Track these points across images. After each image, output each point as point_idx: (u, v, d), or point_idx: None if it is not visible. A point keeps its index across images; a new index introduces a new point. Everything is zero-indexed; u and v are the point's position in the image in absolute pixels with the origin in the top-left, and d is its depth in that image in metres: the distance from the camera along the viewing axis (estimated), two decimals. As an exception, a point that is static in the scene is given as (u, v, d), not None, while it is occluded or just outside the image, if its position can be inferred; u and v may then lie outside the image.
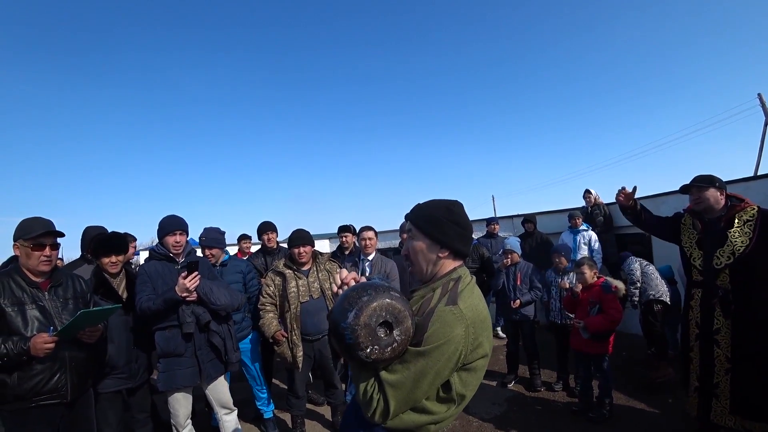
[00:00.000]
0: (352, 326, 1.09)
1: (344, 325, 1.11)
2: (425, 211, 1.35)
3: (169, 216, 2.82)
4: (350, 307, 1.12)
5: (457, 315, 1.17)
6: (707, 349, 2.69)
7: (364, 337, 1.09)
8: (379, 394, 1.16)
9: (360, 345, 1.09)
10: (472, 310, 1.21)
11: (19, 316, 2.02)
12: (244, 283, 3.52)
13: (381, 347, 1.11)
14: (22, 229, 2.10)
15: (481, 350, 1.22)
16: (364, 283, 1.23)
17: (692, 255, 2.81)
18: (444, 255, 1.32)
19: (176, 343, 2.62)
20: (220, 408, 2.90)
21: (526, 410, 3.79)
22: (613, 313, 3.39)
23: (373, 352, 1.10)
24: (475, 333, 1.19)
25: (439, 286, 1.29)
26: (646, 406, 3.66)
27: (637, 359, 4.58)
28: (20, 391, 1.97)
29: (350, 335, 1.09)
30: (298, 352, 3.07)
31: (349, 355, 1.14)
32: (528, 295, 4.12)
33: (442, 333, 1.14)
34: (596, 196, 6.02)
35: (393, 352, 1.13)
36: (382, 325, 1.12)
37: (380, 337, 1.11)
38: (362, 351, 1.10)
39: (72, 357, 2.12)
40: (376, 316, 1.11)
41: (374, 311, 1.11)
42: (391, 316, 1.13)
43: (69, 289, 2.26)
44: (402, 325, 1.14)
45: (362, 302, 1.12)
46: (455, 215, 1.33)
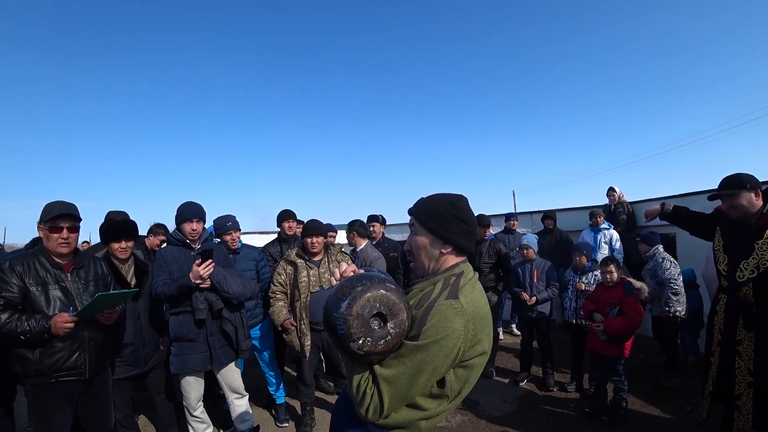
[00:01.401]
0: (344, 316, 1.07)
1: (336, 315, 1.08)
2: (428, 205, 1.31)
3: (187, 203, 2.88)
4: (343, 297, 1.10)
5: (457, 309, 1.14)
6: (728, 358, 2.56)
7: (356, 328, 1.07)
8: (372, 389, 1.13)
9: (352, 336, 1.07)
10: (473, 306, 1.19)
11: (42, 295, 2.12)
12: (256, 271, 3.57)
13: (374, 339, 1.08)
14: (44, 212, 2.19)
15: (479, 347, 1.19)
16: (359, 273, 1.21)
17: (718, 259, 2.65)
18: (447, 251, 1.29)
19: (188, 329, 2.69)
20: (231, 393, 2.97)
21: (537, 410, 3.74)
22: (634, 316, 3.29)
23: (366, 344, 1.08)
24: (475, 329, 1.17)
25: (441, 279, 1.26)
26: (661, 412, 3.56)
27: (654, 363, 4.44)
28: (42, 366, 2.07)
29: (342, 325, 1.07)
30: (306, 341, 3.11)
31: (341, 347, 1.12)
32: (545, 292, 4.05)
33: (441, 327, 1.11)
34: (620, 194, 5.83)
35: (386, 345, 1.10)
36: (376, 316, 1.10)
37: (373, 329, 1.09)
38: (354, 342, 1.07)
39: (91, 337, 2.21)
40: (370, 307, 1.09)
41: (367, 302, 1.08)
42: (386, 307, 1.10)
43: (91, 271, 2.35)
44: (396, 317, 1.11)
45: (356, 292, 1.09)
46: (459, 210, 1.29)
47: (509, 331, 6.23)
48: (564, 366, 4.39)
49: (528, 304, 4.05)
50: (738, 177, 2.49)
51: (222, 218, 3.50)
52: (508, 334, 6.17)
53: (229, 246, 3.46)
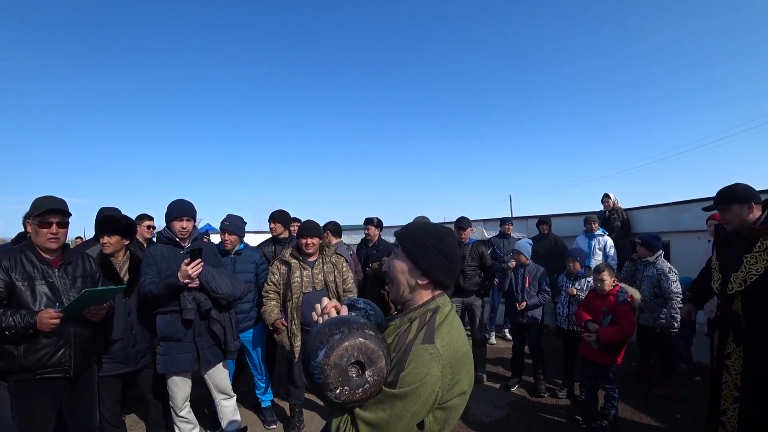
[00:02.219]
0: (321, 366, 1.04)
1: (314, 364, 1.05)
2: (414, 233, 1.29)
3: (177, 200, 2.86)
4: (321, 344, 1.06)
5: (433, 355, 1.13)
6: (717, 372, 2.55)
7: (333, 378, 1.04)
8: (351, 430, 1.12)
9: (329, 386, 1.04)
10: (449, 348, 1.16)
11: (28, 290, 2.10)
12: (255, 274, 3.54)
13: (351, 388, 1.06)
14: (33, 206, 2.18)
15: (457, 389, 1.17)
16: (339, 318, 1.18)
17: (714, 278, 2.64)
18: (423, 283, 1.26)
19: (176, 328, 2.67)
20: (218, 393, 2.95)
21: (527, 415, 3.73)
22: (627, 324, 3.28)
23: (343, 393, 1.06)
24: (452, 372, 1.15)
25: (417, 317, 1.24)
26: (652, 421, 3.55)
27: (646, 371, 4.43)
28: (26, 362, 2.05)
29: (319, 375, 1.04)
30: (296, 342, 3.09)
31: (318, 394, 1.10)
32: (536, 297, 4.04)
33: (418, 374, 1.10)
34: (615, 201, 5.85)
35: (364, 393, 1.08)
36: (354, 364, 1.07)
37: (351, 378, 1.06)
38: (331, 392, 1.05)
39: (77, 333, 2.20)
40: (347, 356, 1.05)
41: (345, 351, 1.05)
42: (364, 356, 1.07)
43: (78, 267, 2.33)
44: (375, 365, 1.08)
45: (333, 341, 1.06)
46: (444, 245, 1.27)
47: (502, 336, 6.22)
48: (555, 372, 4.38)
49: (518, 309, 4.04)
50: (730, 189, 2.45)
51: (226, 216, 3.50)
52: (500, 339, 6.16)
53: (224, 246, 3.44)
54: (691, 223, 4.72)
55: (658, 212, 5.43)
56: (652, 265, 3.97)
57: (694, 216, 4.74)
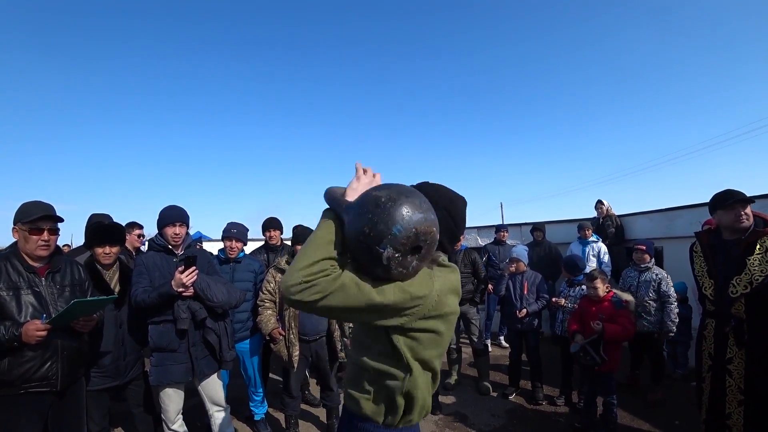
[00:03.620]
0: (411, 225, 0.96)
1: (405, 217, 0.96)
2: (428, 190, 1.26)
3: (169, 206, 2.78)
4: (419, 209, 1.00)
5: (431, 277, 1.12)
6: (719, 378, 2.56)
7: (404, 243, 0.96)
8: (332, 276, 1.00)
9: (396, 244, 0.96)
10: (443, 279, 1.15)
11: (13, 300, 2.00)
12: (254, 283, 3.47)
13: (398, 262, 0.99)
14: (22, 212, 2.08)
15: (433, 322, 1.13)
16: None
17: (703, 284, 2.67)
18: None
19: (170, 339, 2.57)
20: (212, 405, 2.85)
21: (526, 424, 3.68)
22: (629, 326, 3.32)
23: (392, 260, 0.98)
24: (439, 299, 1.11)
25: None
26: (651, 427, 3.54)
27: (642, 377, 4.43)
28: (10, 377, 1.94)
29: (401, 229, 0.95)
30: (294, 352, 3.02)
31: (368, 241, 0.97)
32: (535, 305, 4.02)
33: (417, 284, 1.07)
34: (608, 207, 5.89)
35: (397, 274, 1.02)
36: (419, 247, 1.01)
37: (407, 253, 1.00)
38: (389, 248, 0.96)
39: (64, 346, 2.09)
40: (430, 237, 1.02)
41: (433, 234, 1.02)
42: (428, 247, 1.04)
43: (67, 275, 2.23)
44: (423, 261, 1.06)
45: (431, 220, 1.02)
46: (454, 209, 1.25)
47: (497, 344, 6.19)
48: (553, 379, 4.35)
49: (518, 317, 4.01)
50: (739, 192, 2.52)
51: (230, 224, 3.44)
52: (496, 347, 6.12)
53: (227, 253, 3.37)
54: (684, 229, 4.76)
55: (651, 218, 5.47)
56: (649, 270, 4.00)
57: (686, 222, 4.78)
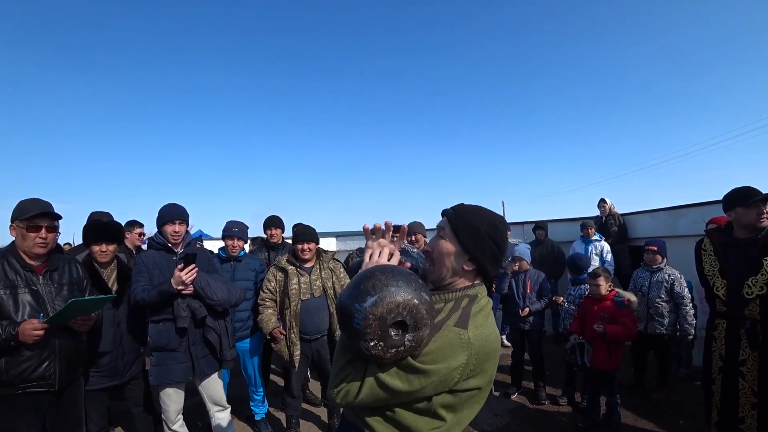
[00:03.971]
0: (365, 313, 0.96)
1: (358, 307, 0.97)
2: (469, 216, 1.21)
3: (168, 204, 2.75)
4: (373, 290, 0.98)
5: (463, 340, 1.06)
6: (731, 380, 2.51)
7: (372, 330, 0.96)
8: (357, 377, 1.07)
9: (365, 335, 0.97)
10: (481, 340, 1.09)
11: (10, 299, 1.97)
12: (255, 282, 3.44)
13: (386, 346, 0.98)
14: (19, 209, 2.05)
15: (473, 381, 1.10)
16: (399, 268, 1.08)
17: (715, 284, 2.58)
18: (469, 269, 1.19)
19: (169, 338, 2.55)
20: (213, 405, 2.82)
21: (528, 423, 3.65)
22: (631, 326, 3.30)
23: (376, 348, 0.98)
24: (476, 365, 1.08)
25: (453, 300, 1.17)
26: (656, 427, 3.50)
27: (645, 377, 4.39)
28: (7, 377, 1.92)
29: (360, 321, 0.97)
30: (295, 351, 2.99)
31: (348, 338, 1.03)
32: (537, 303, 3.98)
33: (442, 355, 1.04)
34: (611, 206, 5.85)
35: (396, 355, 1.00)
36: (398, 324, 0.99)
37: (390, 335, 0.98)
38: (365, 342, 0.97)
39: (62, 345, 2.07)
40: (396, 313, 0.97)
41: (396, 307, 0.97)
42: (412, 319, 0.99)
43: (65, 274, 2.21)
44: (418, 332, 1.01)
45: (388, 292, 0.97)
46: (498, 234, 1.19)
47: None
48: (555, 379, 4.32)
49: (521, 315, 3.98)
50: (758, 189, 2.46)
51: (230, 222, 3.43)
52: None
53: (229, 252, 3.35)
54: (688, 228, 4.73)
55: (654, 217, 5.44)
56: (662, 271, 3.90)
57: (690, 221, 4.74)
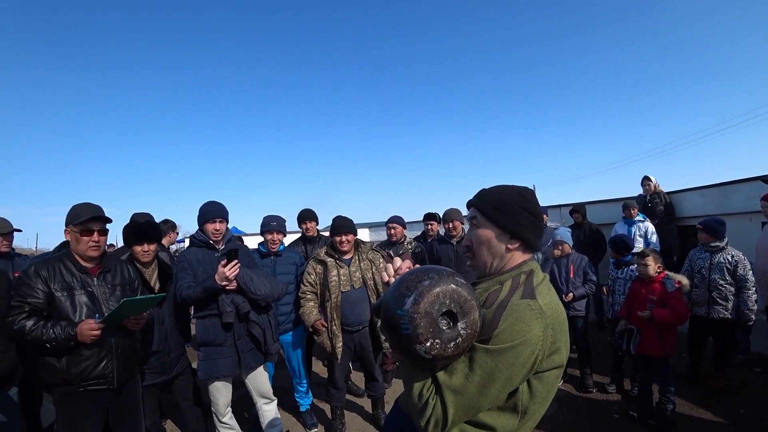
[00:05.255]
0: (410, 314, 0.93)
1: (401, 313, 0.94)
2: (494, 196, 1.17)
3: (209, 202, 2.78)
4: (408, 291, 0.95)
5: (535, 311, 1.00)
6: None
7: (423, 328, 0.92)
8: (436, 398, 0.99)
9: (419, 337, 0.92)
10: (552, 309, 1.04)
11: (68, 301, 2.04)
12: (296, 275, 3.44)
13: (443, 341, 0.94)
14: (72, 214, 2.11)
15: (557, 357, 1.03)
16: (424, 266, 1.05)
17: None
18: (514, 246, 1.15)
19: (216, 333, 2.59)
20: (260, 398, 2.87)
21: (577, 412, 3.54)
22: (682, 311, 3.12)
23: (434, 347, 0.93)
24: (554, 335, 1.01)
25: (509, 278, 1.12)
26: (713, 416, 3.32)
27: (701, 363, 4.19)
28: (69, 375, 1.99)
29: (407, 325, 0.93)
30: (337, 343, 2.99)
31: (403, 349, 0.97)
32: (582, 288, 3.83)
33: (517, 331, 0.97)
34: (656, 184, 5.54)
35: (456, 348, 0.95)
36: (445, 315, 0.95)
37: (442, 330, 0.94)
38: (421, 345, 0.93)
39: (118, 344, 2.13)
40: (439, 304, 0.94)
41: (437, 298, 0.94)
42: (456, 305, 0.95)
43: (117, 275, 2.26)
44: (468, 317, 0.96)
45: (422, 287, 0.94)
46: (528, 202, 1.15)
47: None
48: (601, 366, 4.17)
49: (565, 301, 3.85)
50: None
51: (268, 217, 3.43)
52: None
53: (269, 247, 3.37)
54: (742, 204, 4.43)
55: (703, 194, 5.12)
56: (723, 252, 3.65)
57: (744, 197, 4.45)
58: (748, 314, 3.51)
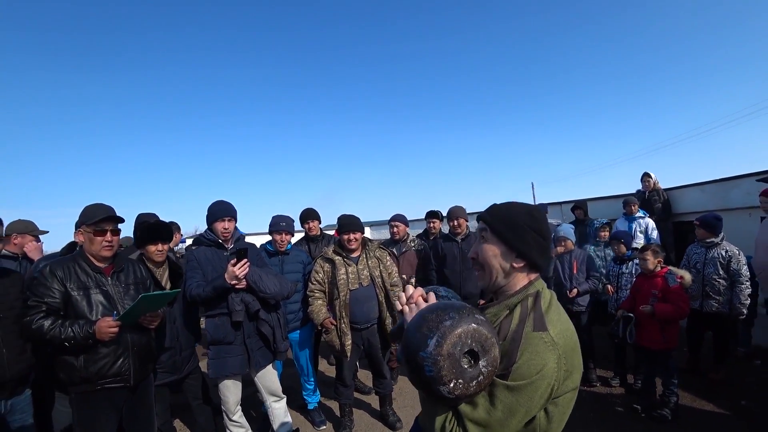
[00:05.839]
0: (433, 356, 0.94)
1: (424, 355, 0.95)
2: (504, 213, 1.20)
3: (218, 201, 2.81)
4: (430, 332, 0.96)
5: (548, 344, 1.03)
6: None
7: (447, 370, 0.94)
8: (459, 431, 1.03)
9: (442, 379, 0.94)
10: (564, 337, 1.07)
11: (84, 300, 2.06)
12: (303, 274, 3.47)
13: (465, 381, 0.96)
14: (85, 215, 2.13)
15: (570, 383, 1.07)
16: (442, 303, 1.08)
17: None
18: (519, 266, 1.17)
19: (226, 331, 2.62)
20: (269, 396, 2.90)
21: (582, 406, 3.58)
22: (682, 305, 3.17)
23: (457, 387, 0.95)
24: (567, 364, 1.05)
25: (517, 304, 1.14)
26: (715, 408, 3.38)
27: (701, 356, 4.24)
28: (86, 373, 2.02)
29: (431, 367, 0.94)
30: (346, 341, 3.02)
31: (427, 390, 0.99)
32: (585, 284, 3.88)
33: (533, 365, 1.00)
34: (655, 181, 5.60)
35: (478, 386, 0.98)
36: (467, 354, 0.97)
37: (465, 369, 0.96)
38: (444, 386, 0.95)
39: (134, 342, 2.16)
40: (461, 345, 0.95)
41: (459, 339, 0.95)
42: (478, 344, 0.97)
43: (130, 274, 2.29)
44: (489, 354, 0.98)
45: (444, 327, 0.96)
46: (537, 222, 1.17)
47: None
48: (604, 361, 4.22)
49: (569, 297, 3.89)
50: None
51: (277, 217, 3.45)
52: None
53: (277, 246, 3.40)
54: (742, 200, 4.49)
55: (703, 190, 5.18)
56: (718, 247, 3.72)
57: (744, 192, 4.51)
58: (739, 308, 3.57)
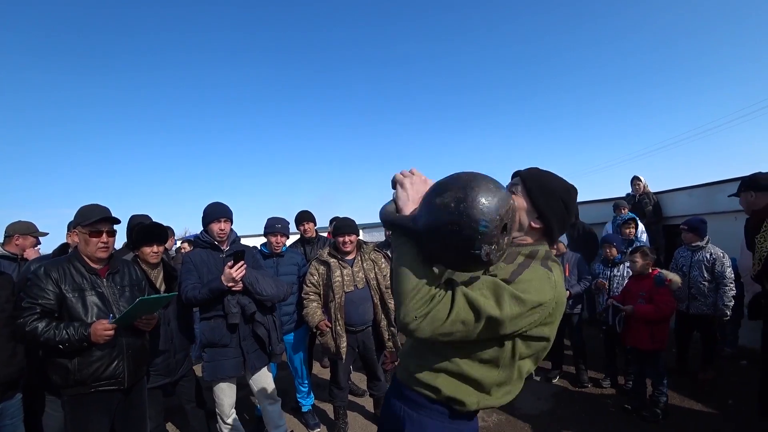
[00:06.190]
0: (492, 214, 0.92)
1: (485, 210, 0.91)
2: (542, 177, 1.24)
3: (213, 203, 2.80)
4: (492, 193, 0.94)
5: (551, 280, 1.07)
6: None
7: (494, 234, 0.92)
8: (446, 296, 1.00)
9: (492, 237, 0.92)
10: (560, 286, 1.11)
11: (79, 302, 2.04)
12: (298, 276, 3.47)
13: (498, 249, 0.96)
14: (81, 215, 2.11)
15: (547, 329, 1.09)
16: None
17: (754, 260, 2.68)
18: (536, 226, 1.21)
19: (221, 334, 2.61)
20: (264, 398, 2.89)
21: (573, 406, 3.64)
22: (664, 307, 3.24)
23: (493, 252, 0.95)
24: (555, 308, 1.08)
25: (527, 250, 1.17)
26: (703, 407, 3.45)
27: (689, 356, 4.32)
28: (80, 376, 1.99)
29: (487, 223, 0.91)
30: (341, 343, 3.02)
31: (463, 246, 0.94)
32: (578, 286, 3.94)
33: (534, 288, 1.02)
34: (645, 184, 5.70)
35: (498, 259, 0.99)
36: (504, 227, 0.97)
37: (500, 238, 0.95)
38: (488, 245, 0.92)
39: (129, 344, 2.14)
40: (510, 215, 0.97)
41: (510, 209, 0.97)
42: (511, 220, 0.99)
43: (125, 276, 2.27)
44: (510, 234, 1.01)
45: (501, 195, 0.96)
46: (570, 198, 1.22)
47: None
48: (595, 362, 4.28)
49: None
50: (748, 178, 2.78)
51: (272, 219, 3.45)
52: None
53: (272, 248, 3.39)
54: (728, 204, 4.57)
55: (691, 194, 5.29)
56: (703, 250, 3.81)
57: (726, 197, 4.60)
58: (723, 309, 3.65)
